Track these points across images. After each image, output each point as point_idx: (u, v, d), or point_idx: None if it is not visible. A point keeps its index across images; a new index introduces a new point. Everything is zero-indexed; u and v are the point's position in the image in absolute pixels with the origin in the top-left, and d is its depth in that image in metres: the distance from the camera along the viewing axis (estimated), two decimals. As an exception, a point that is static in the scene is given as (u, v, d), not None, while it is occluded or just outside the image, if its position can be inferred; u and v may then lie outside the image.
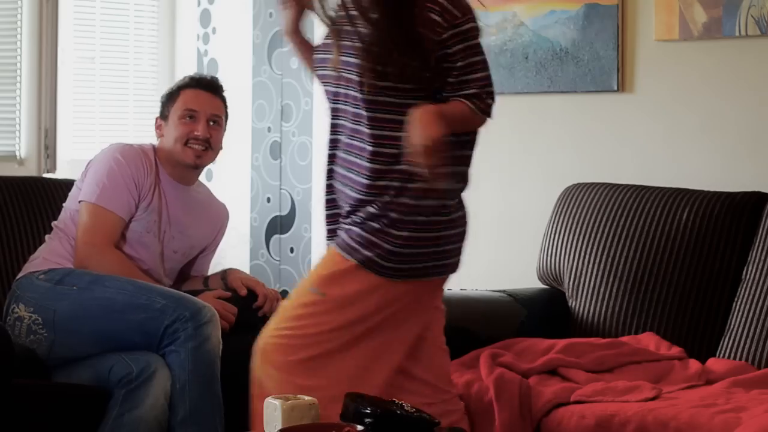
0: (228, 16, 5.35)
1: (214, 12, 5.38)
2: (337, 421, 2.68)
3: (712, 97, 3.97)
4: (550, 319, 3.89)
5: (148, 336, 3.45)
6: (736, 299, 3.56)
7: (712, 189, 3.75)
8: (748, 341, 3.46)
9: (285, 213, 5.14)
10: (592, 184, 4.01)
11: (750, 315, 3.48)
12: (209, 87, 3.79)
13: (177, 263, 3.80)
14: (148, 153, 3.74)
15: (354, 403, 2.89)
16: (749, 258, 3.58)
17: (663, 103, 4.08)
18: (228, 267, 3.91)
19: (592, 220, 3.90)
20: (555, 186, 4.17)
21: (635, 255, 3.76)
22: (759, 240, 3.56)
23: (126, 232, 3.67)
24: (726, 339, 3.53)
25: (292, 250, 5.11)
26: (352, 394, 2.93)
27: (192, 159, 3.71)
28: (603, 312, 3.79)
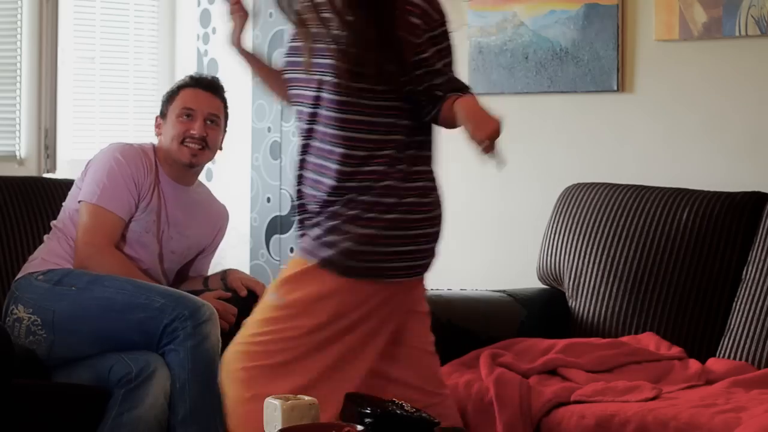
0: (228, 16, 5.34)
1: (214, 12, 5.38)
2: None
3: (712, 97, 3.97)
4: (550, 319, 3.89)
5: (147, 335, 3.44)
6: (736, 299, 3.56)
7: (712, 189, 3.75)
8: (748, 341, 3.46)
9: (285, 213, 5.14)
10: (592, 184, 4.01)
11: (750, 315, 3.48)
12: (209, 87, 3.79)
13: (175, 264, 3.80)
14: (148, 152, 3.74)
15: (354, 403, 2.89)
16: (749, 258, 3.58)
17: (663, 103, 4.08)
18: (228, 267, 3.91)
19: (592, 220, 3.90)
20: (555, 186, 4.17)
21: (635, 255, 3.76)
22: (759, 240, 3.56)
23: (125, 232, 3.67)
24: (726, 339, 3.53)
25: (292, 250, 5.11)
26: (351, 394, 2.93)
27: (188, 158, 3.70)
28: (603, 312, 3.79)
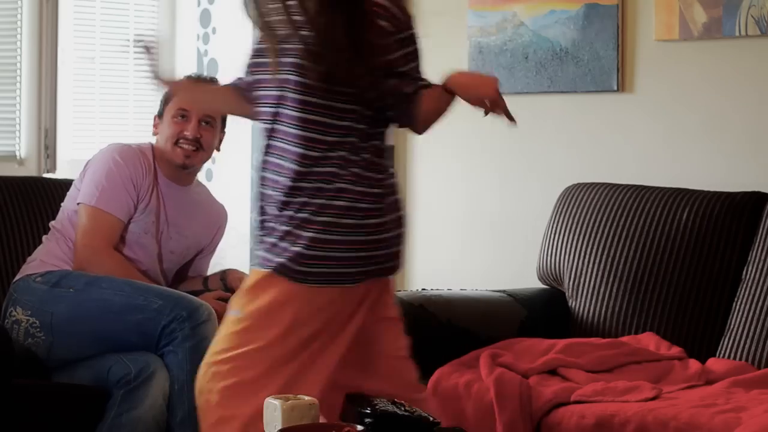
0: (228, 16, 5.35)
1: (214, 12, 5.37)
2: None
3: (712, 97, 3.97)
4: (550, 319, 3.89)
5: (145, 336, 3.44)
6: (736, 299, 3.56)
7: (712, 189, 3.75)
8: (748, 341, 3.46)
9: (285, 213, 5.13)
10: (592, 184, 4.01)
11: (750, 315, 3.48)
12: None
13: (174, 264, 3.80)
14: (146, 153, 3.73)
15: (354, 403, 2.88)
16: (749, 258, 3.58)
17: (663, 103, 4.08)
18: (227, 267, 3.91)
19: (592, 220, 3.90)
20: (555, 186, 4.17)
21: (635, 255, 3.76)
22: (759, 240, 3.56)
23: (124, 233, 3.67)
24: (726, 339, 3.53)
25: (292, 250, 5.10)
26: (351, 394, 2.93)
27: (181, 159, 3.69)
28: (603, 312, 3.79)
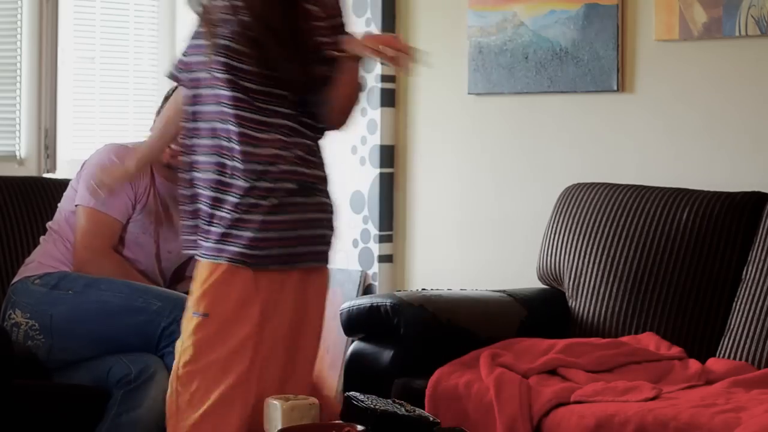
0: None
1: (214, 12, 5.37)
2: None
3: (712, 97, 3.97)
4: (550, 319, 3.89)
5: (145, 338, 3.44)
6: (736, 299, 3.56)
7: (712, 189, 3.75)
8: (748, 341, 3.46)
9: (285, 213, 5.13)
10: (592, 184, 4.01)
11: (750, 315, 3.48)
12: None
13: (172, 263, 3.80)
14: None
15: (354, 403, 2.88)
16: (749, 258, 3.58)
17: (663, 103, 4.08)
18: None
19: (592, 220, 3.90)
20: (555, 186, 4.17)
21: (635, 255, 3.76)
22: (759, 240, 3.56)
23: (123, 234, 3.67)
24: (726, 339, 3.53)
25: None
26: (351, 394, 2.93)
27: (167, 158, 3.68)
28: (603, 312, 3.79)
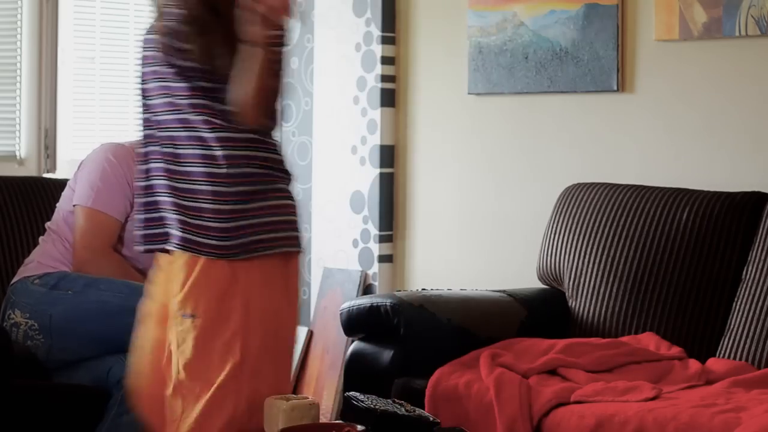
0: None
1: (214, 12, 5.37)
2: None
3: (712, 97, 3.97)
4: (550, 319, 3.89)
5: (145, 337, 3.44)
6: (736, 299, 3.56)
7: (712, 189, 3.75)
8: (748, 341, 3.46)
9: (285, 213, 5.13)
10: (592, 184, 4.01)
11: (750, 315, 3.48)
12: None
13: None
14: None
15: (354, 403, 2.88)
16: (749, 258, 3.58)
17: (663, 103, 4.08)
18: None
19: (592, 220, 3.90)
20: (555, 186, 4.17)
21: (635, 255, 3.76)
22: (759, 240, 3.56)
23: (122, 233, 3.67)
24: (726, 339, 3.53)
25: (292, 250, 5.10)
26: (351, 394, 2.93)
27: None
28: (603, 312, 3.79)
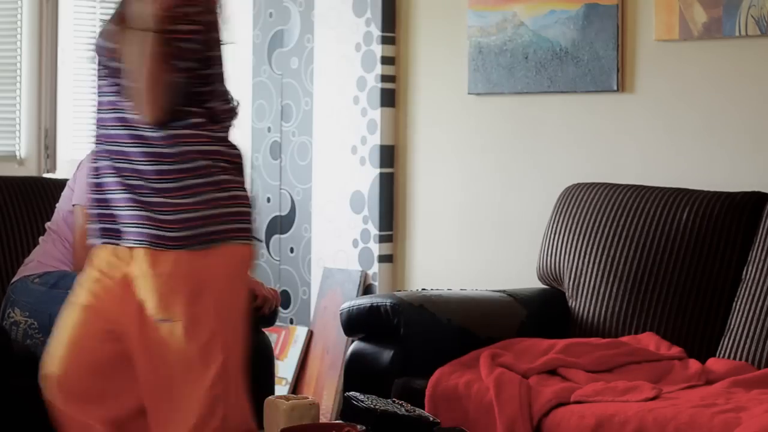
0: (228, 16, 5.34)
1: (214, 12, 5.37)
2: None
3: (712, 97, 3.97)
4: (550, 319, 3.89)
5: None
6: (736, 299, 3.56)
7: (712, 189, 3.75)
8: (748, 341, 3.46)
9: (285, 213, 5.14)
10: (592, 184, 4.01)
11: (750, 315, 3.48)
12: None
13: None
14: None
15: (354, 403, 2.89)
16: (749, 258, 3.58)
17: (663, 103, 4.08)
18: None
19: (592, 220, 3.90)
20: (555, 186, 4.17)
21: (635, 255, 3.76)
22: (759, 240, 3.56)
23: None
24: (726, 339, 3.53)
25: (292, 250, 5.11)
26: (351, 394, 2.93)
27: None
28: (603, 312, 3.79)
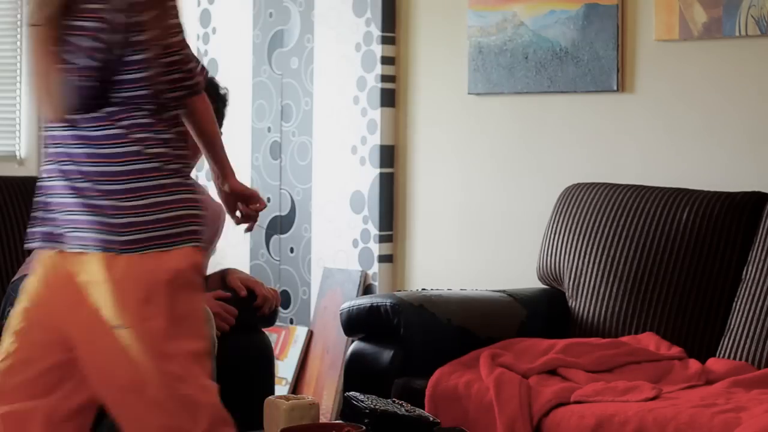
0: (228, 16, 5.35)
1: (214, 12, 5.38)
2: None
3: (712, 97, 3.97)
4: (550, 319, 3.89)
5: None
6: (736, 299, 3.56)
7: (712, 189, 3.75)
8: (748, 341, 3.46)
9: (285, 213, 5.14)
10: (592, 184, 4.01)
11: (750, 315, 3.48)
12: None
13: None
14: None
15: (354, 403, 2.89)
16: (749, 258, 3.58)
17: (663, 103, 4.08)
18: (227, 267, 3.91)
19: (592, 220, 3.90)
20: (555, 186, 4.17)
21: (635, 255, 3.76)
22: (759, 240, 3.56)
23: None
24: (726, 339, 3.53)
25: (292, 250, 5.11)
26: (351, 394, 2.93)
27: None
28: (603, 312, 3.79)
